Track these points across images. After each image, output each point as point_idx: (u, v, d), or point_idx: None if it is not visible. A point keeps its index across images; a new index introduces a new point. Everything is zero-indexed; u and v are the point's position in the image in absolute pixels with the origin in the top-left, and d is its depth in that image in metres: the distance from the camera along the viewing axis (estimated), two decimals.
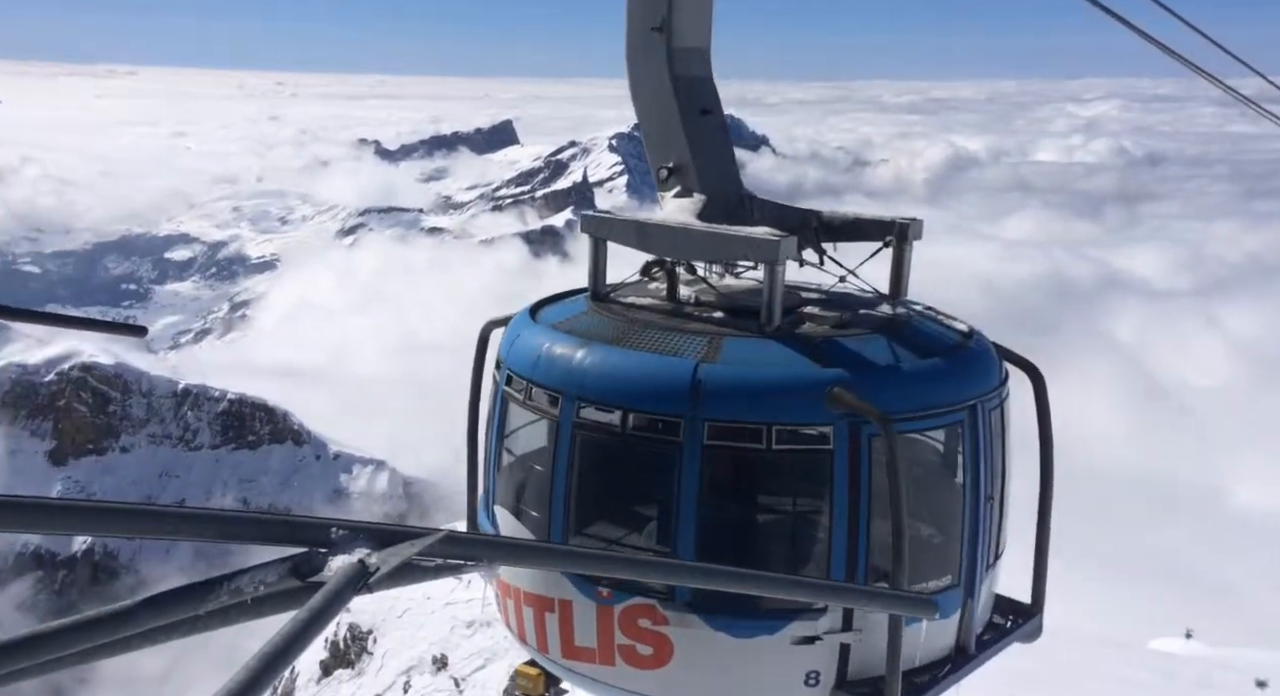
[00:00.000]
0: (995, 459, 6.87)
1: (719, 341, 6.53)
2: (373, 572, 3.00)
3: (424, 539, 3.18)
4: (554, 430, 6.67)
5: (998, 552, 7.13)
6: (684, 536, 6.27)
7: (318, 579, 3.00)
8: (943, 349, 6.76)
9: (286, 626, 2.79)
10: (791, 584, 5.21)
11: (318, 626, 2.85)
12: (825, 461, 6.24)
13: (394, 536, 3.18)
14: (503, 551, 3.38)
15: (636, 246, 7.43)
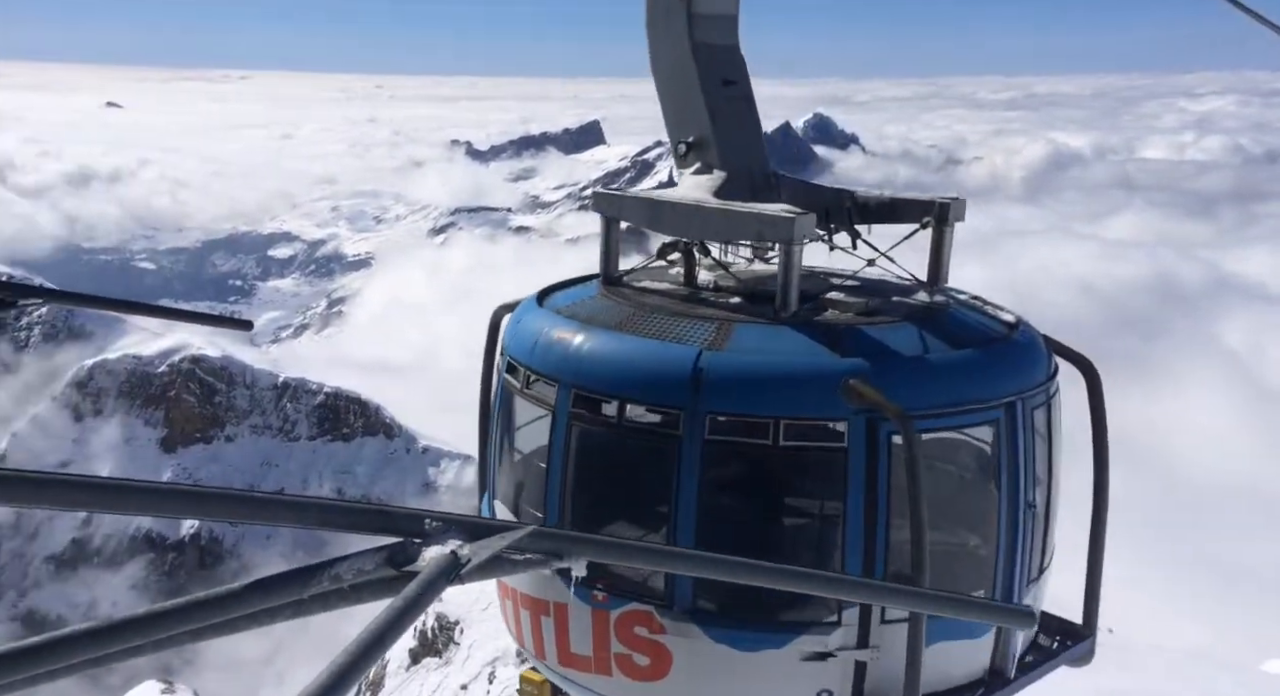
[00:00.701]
0: (1038, 462, 6.26)
1: (728, 328, 6.01)
2: (464, 564, 3.09)
3: (514, 532, 3.26)
4: (551, 421, 6.21)
5: (1042, 566, 6.45)
6: (682, 541, 5.86)
7: (412, 568, 3.12)
8: (980, 340, 6.16)
9: (383, 614, 2.90)
10: (872, 589, 5.02)
11: (412, 614, 2.95)
12: (839, 461, 5.67)
13: (485, 529, 3.26)
14: (590, 547, 3.43)
15: (648, 226, 6.95)
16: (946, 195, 6.95)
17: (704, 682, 5.94)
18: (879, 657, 5.74)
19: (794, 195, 7.07)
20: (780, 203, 6.71)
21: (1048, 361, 6.47)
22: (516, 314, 6.96)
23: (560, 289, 7.28)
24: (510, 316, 7.04)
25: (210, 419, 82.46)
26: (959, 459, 6.77)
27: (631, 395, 5.90)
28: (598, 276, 7.09)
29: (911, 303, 6.56)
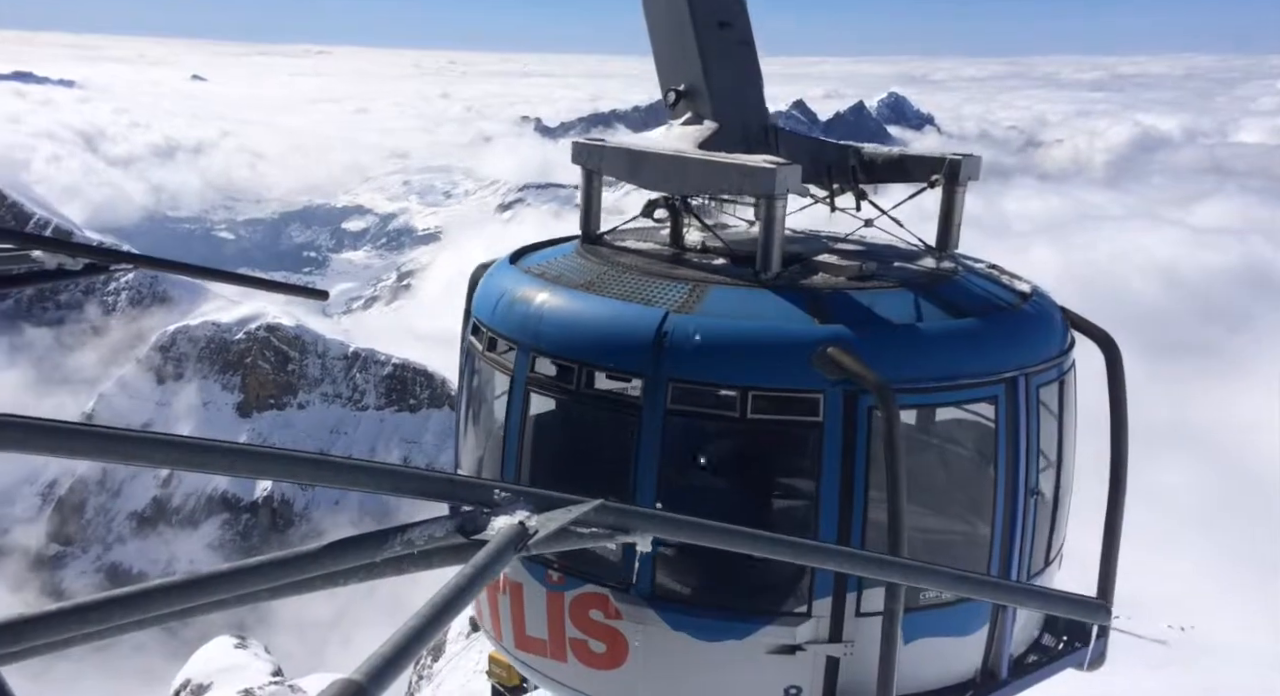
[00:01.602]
0: (1047, 444, 5.76)
1: (703, 290, 5.52)
2: (532, 535, 3.13)
3: (580, 506, 3.29)
4: (509, 387, 5.75)
5: (1049, 558, 5.98)
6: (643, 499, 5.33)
7: (481, 536, 3.17)
8: (982, 309, 5.60)
9: (453, 580, 2.95)
10: (936, 574, 4.89)
11: (481, 582, 3.00)
12: (813, 437, 5.16)
13: (552, 502, 3.30)
14: (656, 523, 3.44)
15: (628, 179, 6.37)
16: (959, 151, 6.33)
17: (662, 674, 5.48)
18: (853, 654, 5.27)
19: (794, 150, 6.51)
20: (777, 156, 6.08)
21: (1062, 335, 5.90)
22: (488, 273, 6.47)
23: (539, 247, 6.83)
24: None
25: (284, 386, 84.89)
26: (960, 438, 6.22)
27: (591, 360, 5.45)
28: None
29: (914, 268, 6.07)
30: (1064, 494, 6.08)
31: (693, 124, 6.48)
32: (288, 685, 19.31)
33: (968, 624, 5.55)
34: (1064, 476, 6.04)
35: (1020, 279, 6.27)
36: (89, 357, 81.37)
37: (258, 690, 18.74)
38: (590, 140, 6.61)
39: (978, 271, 6.25)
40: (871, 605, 5.13)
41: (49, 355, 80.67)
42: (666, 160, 6.09)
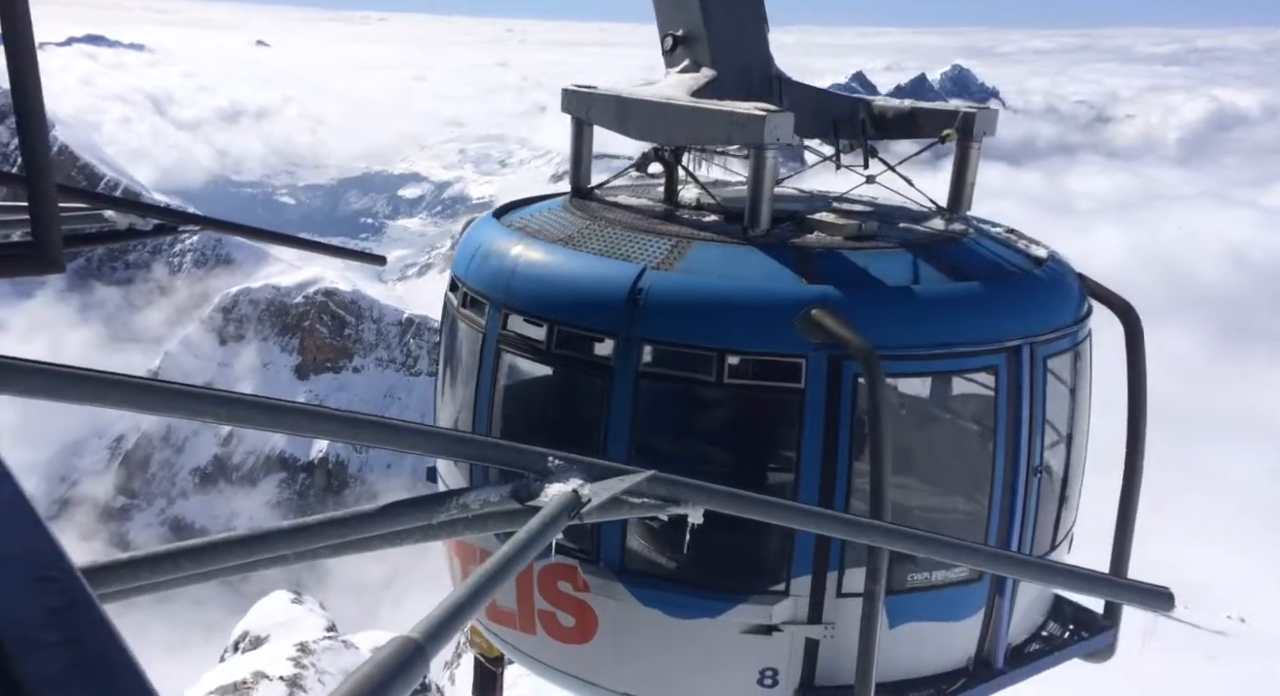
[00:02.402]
0: (1056, 418, 5.45)
1: (686, 246, 5.23)
2: (584, 503, 3.17)
3: (632, 476, 3.31)
4: (480, 346, 5.52)
5: (1055, 541, 5.66)
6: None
7: (535, 503, 3.22)
8: (988, 273, 5.25)
9: (507, 546, 3.00)
10: (970, 551, 4.75)
11: (534, 548, 3.05)
12: (794, 404, 4.85)
13: (605, 471, 3.33)
14: (707, 495, 3.45)
15: (616, 128, 6.08)
16: (973, 104, 5.94)
17: (632, 650, 5.25)
18: (834, 636, 4.94)
19: (798, 101, 6.18)
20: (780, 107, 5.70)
21: (1077, 303, 5.57)
22: (470, 226, 6.27)
23: (528, 203, 6.58)
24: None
25: (340, 349, 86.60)
26: (961, 411, 5.89)
27: (562, 317, 5.18)
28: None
29: (919, 229, 5.72)
30: (1075, 472, 5.75)
31: (690, 72, 6.17)
32: (341, 640, 19.90)
33: (960, 608, 5.25)
34: (1075, 453, 5.72)
35: (1038, 244, 5.92)
36: (156, 317, 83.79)
37: (312, 643, 19.34)
38: (580, 87, 6.33)
39: (990, 235, 5.91)
40: (854, 585, 4.86)
41: (118, 313, 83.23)
42: (653, 108, 5.77)
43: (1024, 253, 5.77)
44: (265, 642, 20.03)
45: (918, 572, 5.10)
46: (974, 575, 5.21)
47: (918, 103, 6.27)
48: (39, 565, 0.83)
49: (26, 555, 0.84)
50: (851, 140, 6.24)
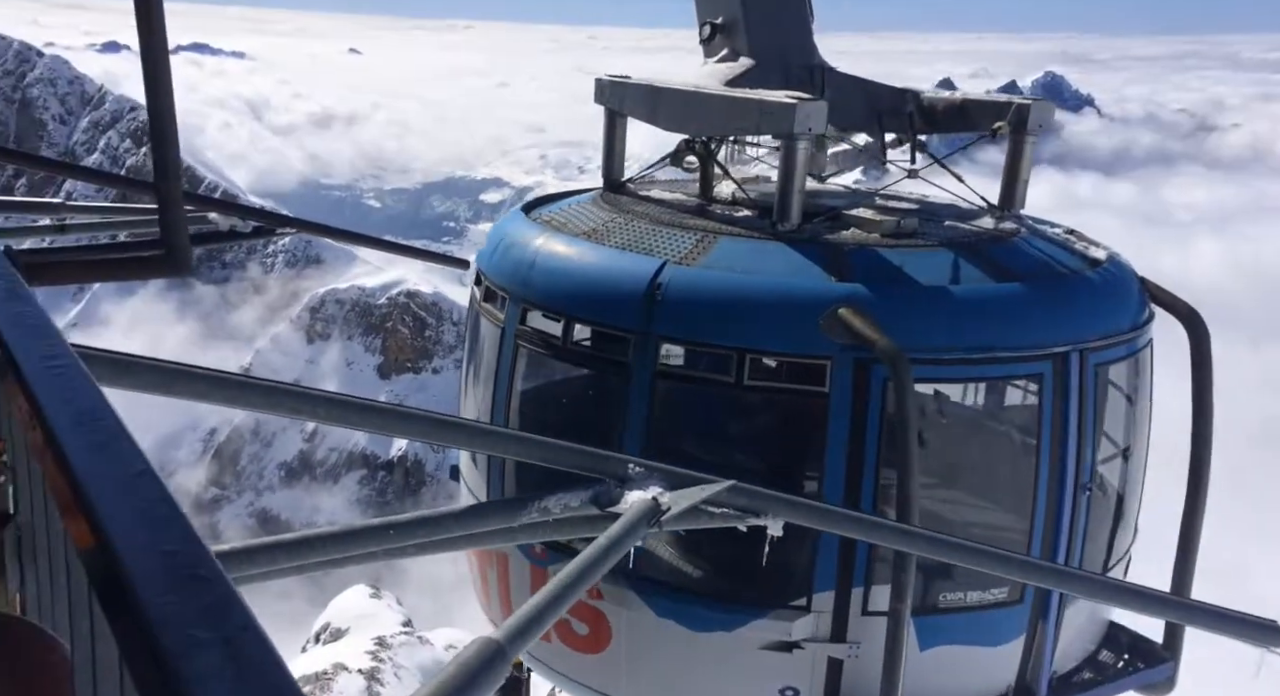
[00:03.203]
0: (1112, 430, 5.14)
1: (711, 241, 4.98)
2: (665, 511, 3.18)
3: (712, 486, 3.31)
4: (499, 341, 5.36)
5: (1108, 562, 5.36)
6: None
7: (614, 509, 3.25)
8: (1035, 274, 4.92)
9: (588, 551, 3.04)
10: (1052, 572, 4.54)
11: (614, 554, 3.07)
12: (819, 409, 4.59)
13: (685, 480, 3.34)
14: (788, 507, 3.43)
15: (648, 119, 5.91)
16: (1027, 97, 5.60)
17: (647, 662, 5.03)
18: (859, 656, 4.67)
19: (843, 92, 5.97)
20: (822, 98, 5.52)
21: (1137, 308, 5.21)
22: (497, 220, 6.15)
23: (560, 197, 6.44)
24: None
25: (420, 350, 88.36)
26: (1008, 421, 5.55)
27: (579, 313, 5.01)
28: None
29: (965, 227, 5.40)
30: (1132, 488, 5.41)
31: (727, 61, 5.98)
32: (417, 636, 20.30)
33: (998, 632, 4.96)
34: (1133, 469, 5.39)
35: (1097, 245, 5.57)
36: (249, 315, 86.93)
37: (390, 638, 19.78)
38: (612, 77, 6.17)
39: (1044, 235, 5.60)
40: (880, 603, 4.61)
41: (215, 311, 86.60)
42: (684, 97, 5.59)
43: (1079, 254, 5.46)
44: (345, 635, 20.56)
45: (951, 592, 4.87)
46: (1014, 597, 4.90)
47: (969, 94, 5.99)
48: (191, 564, 0.86)
49: (180, 554, 0.87)
50: (899, 133, 6.02)
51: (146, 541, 0.89)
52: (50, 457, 1.10)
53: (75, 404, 1.17)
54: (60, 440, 1.09)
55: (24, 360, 1.32)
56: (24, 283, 1.68)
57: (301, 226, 7.77)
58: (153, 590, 0.81)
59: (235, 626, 0.78)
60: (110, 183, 7.42)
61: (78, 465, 1.03)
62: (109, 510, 0.93)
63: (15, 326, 1.42)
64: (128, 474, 1.02)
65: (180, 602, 0.80)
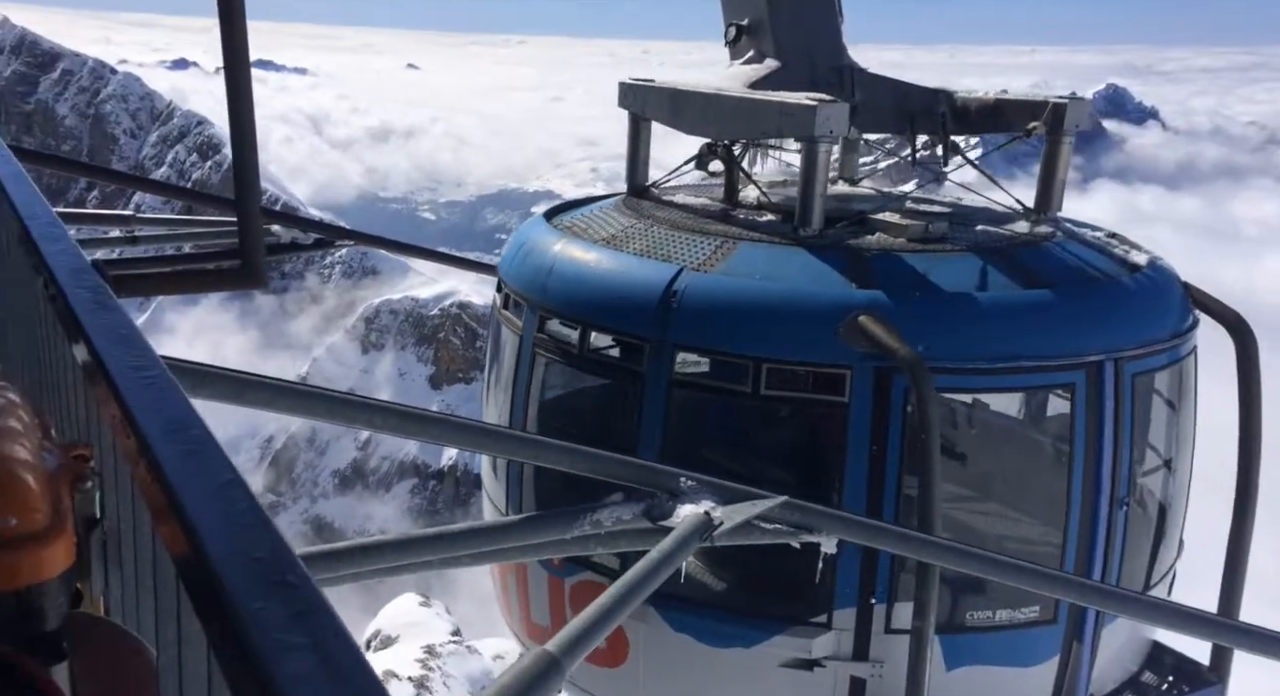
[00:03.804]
0: (1154, 442, 4.95)
1: (731, 247, 4.88)
2: (717, 526, 3.18)
3: (765, 501, 3.29)
4: (517, 349, 5.31)
5: (1149, 580, 5.12)
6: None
7: (666, 523, 3.25)
8: (1069, 280, 4.75)
9: (640, 564, 3.04)
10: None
11: (667, 568, 3.07)
12: (838, 419, 4.48)
13: (738, 494, 3.33)
14: (842, 525, 3.39)
15: (670, 123, 5.80)
16: (1063, 95, 5.37)
17: (664, 677, 4.92)
18: (883, 676, 4.50)
19: (871, 93, 5.85)
20: (849, 100, 5.37)
21: (1179, 315, 5.01)
22: (519, 227, 6.05)
23: (584, 202, 6.35)
24: None
25: (471, 361, 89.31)
26: (1042, 432, 5.35)
27: (594, 320, 4.94)
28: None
29: (997, 231, 5.21)
30: (1175, 503, 5.19)
31: (753, 63, 5.88)
32: (465, 645, 20.44)
33: (1030, 653, 4.78)
34: (1177, 482, 5.18)
35: (1139, 249, 5.35)
36: (306, 324, 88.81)
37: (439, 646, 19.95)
38: (636, 81, 6.09)
39: (1083, 238, 5.39)
40: (904, 621, 4.48)
41: (274, 320, 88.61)
42: (705, 101, 5.50)
43: (1118, 258, 5.26)
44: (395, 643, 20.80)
45: (978, 610, 4.72)
46: (1047, 616, 4.74)
47: (1004, 94, 5.77)
48: (279, 570, 0.87)
49: (270, 561, 0.89)
50: (931, 135, 5.89)
51: (237, 548, 0.91)
52: (143, 465, 1.14)
53: (166, 413, 1.20)
54: (153, 448, 1.12)
55: (115, 370, 1.35)
56: (113, 294, 1.75)
57: (359, 238, 7.97)
58: (245, 595, 0.83)
59: (326, 632, 0.79)
60: (193, 198, 7.80)
61: (170, 473, 1.06)
62: (201, 517, 0.96)
63: (106, 337, 1.48)
64: (218, 482, 1.04)
65: (272, 608, 0.81)
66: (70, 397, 2.07)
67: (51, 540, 1.01)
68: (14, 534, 0.98)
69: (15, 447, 1.06)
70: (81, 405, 1.93)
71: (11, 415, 1.14)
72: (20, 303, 2.88)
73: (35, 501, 1.01)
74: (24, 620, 1.00)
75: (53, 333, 2.18)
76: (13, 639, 0.98)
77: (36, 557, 0.99)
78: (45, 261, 2.04)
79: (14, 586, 0.98)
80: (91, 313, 1.61)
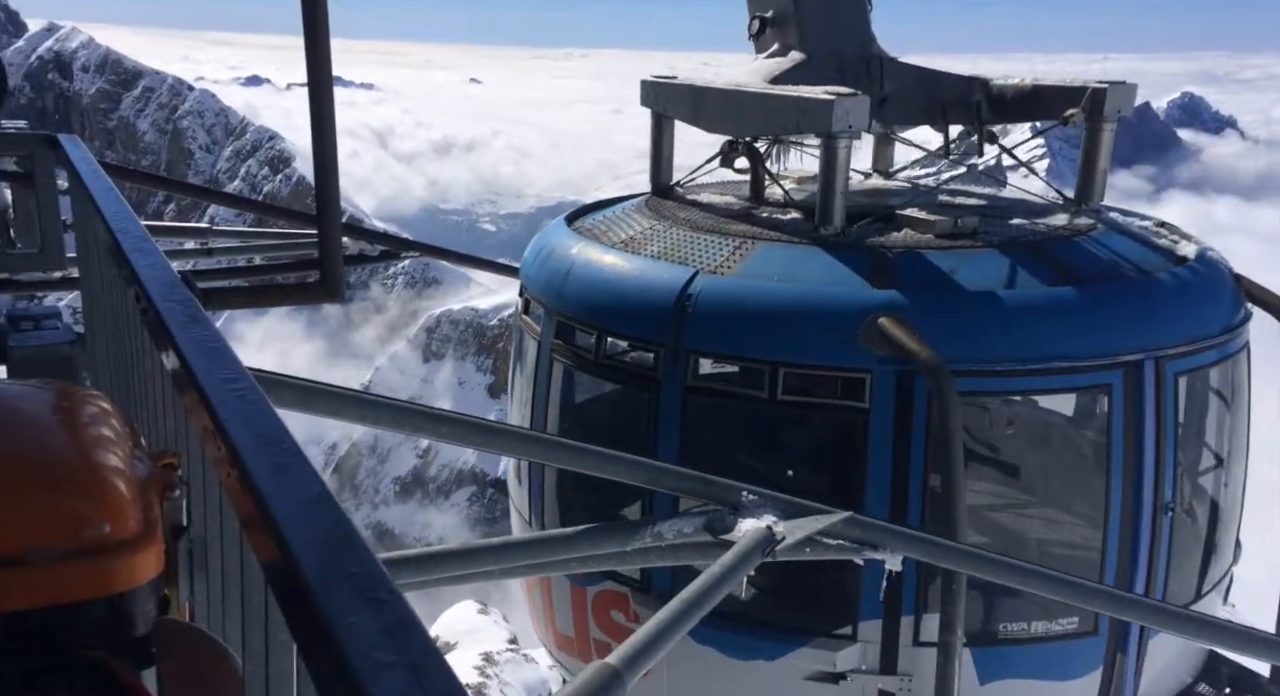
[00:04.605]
0: (1186, 447, 4.64)
1: (749, 248, 4.71)
2: (778, 541, 3.14)
3: (828, 516, 3.25)
4: (535, 354, 5.21)
5: (1199, 589, 4.83)
6: (657, 512, 4.47)
7: (728, 537, 3.23)
8: (1105, 275, 4.48)
9: (701, 578, 3.02)
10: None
11: (728, 583, 3.05)
12: (858, 425, 4.29)
13: (800, 509, 3.29)
14: (906, 542, 3.33)
15: (691, 120, 5.62)
16: (1104, 79, 5.06)
17: (687, 690, 4.77)
18: (912, 690, 4.35)
19: (902, 84, 5.62)
20: (882, 93, 5.12)
21: (1229, 310, 4.71)
22: (541, 231, 5.99)
23: (607, 204, 6.21)
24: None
25: None
26: (1080, 436, 5.10)
27: (609, 325, 4.80)
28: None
29: (1031, 225, 4.95)
30: (1229, 507, 4.90)
31: (777, 56, 5.69)
32: (522, 654, 20.56)
33: (1070, 666, 4.55)
34: (1230, 486, 4.89)
35: (1189, 240, 5.05)
36: (369, 333, 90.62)
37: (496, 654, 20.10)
38: (659, 78, 5.94)
39: (1126, 230, 5.08)
40: (933, 633, 4.26)
41: (339, 330, 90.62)
42: (723, 97, 5.33)
43: (1163, 250, 4.97)
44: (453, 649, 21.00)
45: (1012, 622, 4.50)
46: (1086, 628, 4.51)
47: (1042, 79, 5.50)
48: (371, 586, 0.87)
49: (362, 575, 0.89)
50: (965, 125, 5.66)
51: (329, 561, 0.91)
52: (235, 476, 1.15)
53: (257, 426, 1.22)
54: (245, 460, 1.14)
55: (207, 382, 1.37)
56: (201, 307, 1.80)
57: (427, 251, 8.10)
58: (339, 611, 0.83)
59: (418, 650, 0.79)
60: (277, 215, 8.14)
61: (262, 485, 1.08)
62: (293, 531, 0.97)
63: (197, 350, 1.52)
64: (308, 496, 1.06)
65: (365, 623, 0.81)
66: (158, 408, 2.13)
67: (143, 547, 1.03)
68: (107, 540, 1.00)
69: (109, 455, 1.08)
70: (169, 415, 1.99)
71: (104, 423, 1.16)
72: (108, 315, 2.98)
73: (128, 508, 1.03)
74: (115, 625, 1.01)
75: (142, 344, 2.25)
76: (105, 644, 1.00)
77: (128, 564, 1.01)
78: (137, 274, 2.10)
79: (107, 592, 1.00)
80: (183, 326, 1.64)
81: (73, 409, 1.16)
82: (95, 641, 0.99)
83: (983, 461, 5.08)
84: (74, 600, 0.97)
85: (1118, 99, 5.08)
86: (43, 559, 0.95)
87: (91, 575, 0.98)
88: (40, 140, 4.85)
